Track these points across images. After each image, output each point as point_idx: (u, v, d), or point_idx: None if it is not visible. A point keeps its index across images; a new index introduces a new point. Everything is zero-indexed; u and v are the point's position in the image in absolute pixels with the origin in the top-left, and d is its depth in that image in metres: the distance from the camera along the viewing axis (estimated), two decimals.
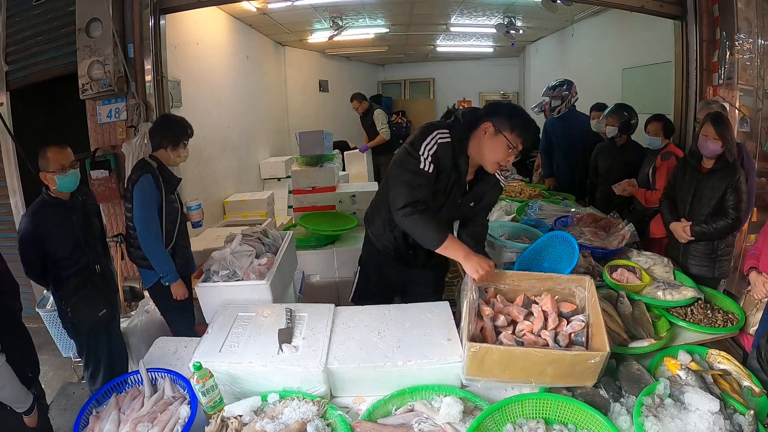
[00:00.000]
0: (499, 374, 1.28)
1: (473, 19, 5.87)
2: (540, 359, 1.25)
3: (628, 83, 4.95)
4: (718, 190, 2.17)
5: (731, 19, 3.08)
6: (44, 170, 1.98)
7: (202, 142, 4.38)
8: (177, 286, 2.26)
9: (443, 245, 1.54)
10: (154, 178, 2.15)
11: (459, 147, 1.63)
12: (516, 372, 1.28)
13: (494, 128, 1.59)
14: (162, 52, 3.30)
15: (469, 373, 1.30)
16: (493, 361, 1.26)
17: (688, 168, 2.31)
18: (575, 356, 1.26)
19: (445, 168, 1.64)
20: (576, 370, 1.27)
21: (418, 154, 1.59)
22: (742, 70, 3.11)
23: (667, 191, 2.45)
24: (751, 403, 1.28)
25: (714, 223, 2.16)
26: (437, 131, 1.62)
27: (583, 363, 1.25)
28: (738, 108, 3.11)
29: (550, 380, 1.28)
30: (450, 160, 1.63)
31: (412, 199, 1.55)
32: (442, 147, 1.61)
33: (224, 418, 1.27)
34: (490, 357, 1.26)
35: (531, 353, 1.26)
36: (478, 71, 9.39)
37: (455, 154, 1.63)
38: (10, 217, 3.55)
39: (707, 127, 2.14)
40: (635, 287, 1.83)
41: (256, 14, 4.96)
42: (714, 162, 2.18)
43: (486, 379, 1.31)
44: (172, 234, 2.26)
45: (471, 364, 1.28)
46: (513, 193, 3.50)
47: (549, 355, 1.26)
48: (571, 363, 1.26)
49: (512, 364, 1.27)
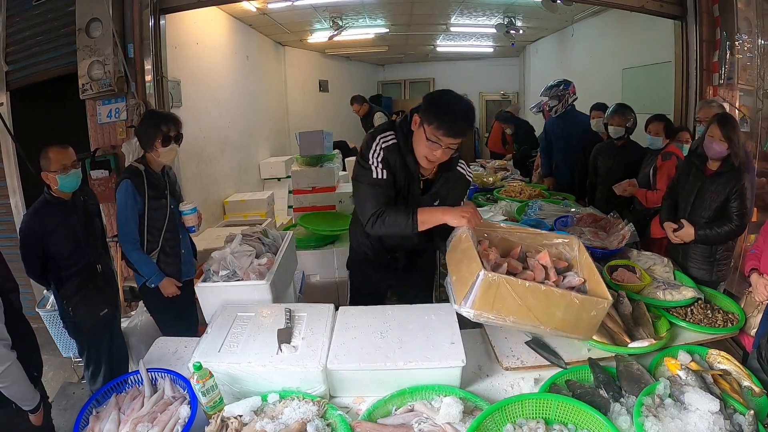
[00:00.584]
0: (509, 311, 1.26)
1: (473, 19, 5.88)
2: (555, 298, 1.25)
3: (628, 83, 4.96)
4: (721, 193, 2.13)
5: (731, 19, 3.08)
6: (46, 170, 1.98)
7: (202, 142, 4.39)
8: (164, 285, 2.20)
9: (419, 221, 1.54)
10: (135, 184, 2.09)
11: (405, 146, 1.61)
12: (525, 311, 1.25)
13: (419, 120, 1.54)
14: (162, 52, 3.30)
15: (477, 307, 1.27)
16: (507, 295, 1.24)
17: (692, 169, 2.27)
18: (586, 300, 1.27)
19: (396, 169, 1.62)
20: (582, 317, 1.27)
21: (368, 165, 1.60)
22: (742, 70, 3.11)
23: (670, 191, 2.43)
24: (751, 403, 1.28)
25: (718, 227, 2.13)
26: (379, 136, 1.62)
27: (590, 310, 1.26)
28: (738, 108, 3.11)
29: (557, 326, 1.28)
30: (398, 161, 1.61)
31: (374, 210, 1.57)
32: (387, 150, 1.60)
33: (224, 418, 1.27)
34: (504, 289, 1.23)
35: (549, 290, 1.26)
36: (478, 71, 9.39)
37: (402, 153, 1.61)
38: (10, 217, 3.55)
39: (713, 128, 2.09)
40: (635, 287, 1.83)
41: (256, 14, 4.96)
42: (719, 165, 2.14)
43: (492, 315, 1.27)
44: (157, 240, 2.18)
45: (482, 296, 1.25)
46: (513, 193, 3.50)
47: (565, 296, 1.25)
48: (580, 308, 1.26)
49: (525, 300, 1.25)
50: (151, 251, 2.18)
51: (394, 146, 1.61)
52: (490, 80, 9.46)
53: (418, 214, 1.54)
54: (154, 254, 2.19)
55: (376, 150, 1.60)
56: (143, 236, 2.16)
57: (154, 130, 2.11)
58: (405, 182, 1.66)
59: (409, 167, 1.63)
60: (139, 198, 2.11)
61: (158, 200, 2.18)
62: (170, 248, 2.24)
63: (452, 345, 1.39)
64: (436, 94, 1.57)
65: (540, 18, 5.76)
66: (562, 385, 1.36)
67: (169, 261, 2.24)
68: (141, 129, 2.18)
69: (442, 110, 1.50)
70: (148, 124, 2.15)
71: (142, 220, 2.14)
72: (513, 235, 1.61)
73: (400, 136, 1.62)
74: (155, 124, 2.12)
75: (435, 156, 1.54)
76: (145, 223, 2.15)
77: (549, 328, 1.29)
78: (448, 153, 1.55)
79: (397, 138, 1.62)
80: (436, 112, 1.50)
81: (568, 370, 1.44)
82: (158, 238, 2.19)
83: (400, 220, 1.55)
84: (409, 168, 1.63)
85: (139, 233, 2.14)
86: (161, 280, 2.20)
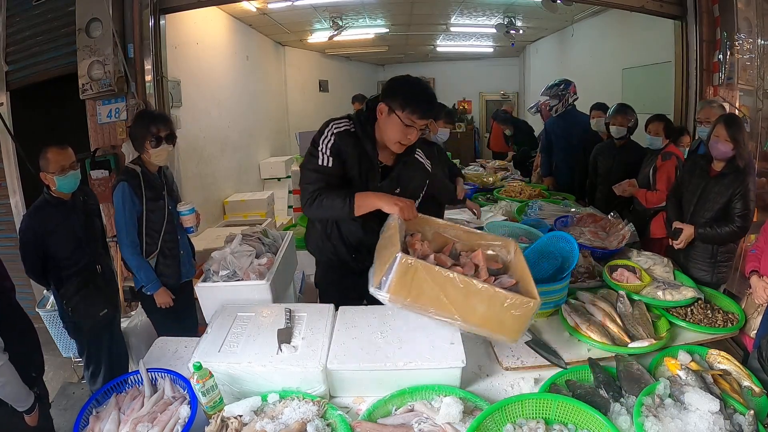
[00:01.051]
0: (427, 299, 1.22)
1: (473, 19, 5.88)
2: (475, 290, 1.20)
3: (628, 83, 4.96)
4: (724, 195, 2.11)
5: (731, 19, 3.08)
6: (44, 171, 1.98)
7: (202, 142, 4.39)
8: (159, 295, 2.18)
9: (355, 205, 1.55)
10: (132, 186, 2.06)
11: (363, 133, 1.64)
12: (444, 301, 1.21)
13: (387, 108, 1.57)
14: (162, 52, 3.31)
15: (393, 291, 1.23)
16: (424, 282, 1.20)
17: (697, 170, 2.26)
18: (509, 296, 1.22)
19: (349, 155, 1.64)
20: (507, 316, 1.22)
21: (317, 151, 1.63)
22: (742, 70, 3.11)
23: (675, 190, 2.41)
24: (751, 403, 1.28)
25: (719, 227, 2.11)
26: (332, 123, 1.65)
27: (515, 308, 1.21)
28: (738, 108, 3.11)
29: (477, 322, 1.23)
30: (352, 147, 1.63)
31: (312, 190, 1.61)
32: (339, 136, 1.62)
33: (224, 418, 1.27)
34: (422, 275, 1.19)
35: (470, 282, 1.20)
36: (478, 71, 9.40)
37: (360, 140, 1.63)
38: (10, 217, 3.56)
39: (719, 128, 2.08)
40: (635, 287, 1.83)
41: (256, 14, 4.97)
42: (724, 165, 2.13)
43: (409, 301, 1.23)
44: (155, 242, 2.16)
45: (399, 280, 1.21)
46: (513, 193, 3.50)
47: (487, 290, 1.20)
48: (504, 305, 1.22)
49: (444, 289, 1.20)
50: (150, 254, 2.16)
51: (348, 132, 1.63)
52: (490, 80, 9.47)
53: (355, 197, 1.55)
54: (153, 256, 2.17)
55: (327, 136, 1.63)
56: (142, 239, 2.13)
57: (143, 132, 2.08)
58: (362, 169, 1.67)
59: (368, 154, 1.65)
60: (137, 200, 2.08)
61: (156, 201, 2.15)
62: (169, 250, 2.21)
63: (452, 345, 1.38)
64: (401, 80, 1.61)
65: (540, 18, 5.77)
66: (562, 385, 1.36)
67: (168, 263, 2.21)
68: (132, 131, 2.15)
69: (412, 95, 1.55)
70: (137, 125, 2.12)
71: (140, 223, 2.12)
72: (449, 231, 1.59)
73: (357, 124, 1.65)
74: (145, 125, 2.09)
75: (410, 139, 1.59)
76: (143, 226, 2.12)
77: (470, 323, 1.25)
78: (418, 134, 1.61)
79: (354, 126, 1.65)
80: (406, 97, 1.54)
81: (568, 370, 1.44)
82: (157, 240, 2.16)
83: (336, 203, 1.57)
84: (368, 155, 1.65)
85: (137, 236, 2.12)
86: (157, 290, 2.17)
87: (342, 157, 1.63)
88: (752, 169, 2.17)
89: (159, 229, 2.16)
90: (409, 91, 1.57)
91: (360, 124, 1.65)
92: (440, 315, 1.26)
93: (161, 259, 2.19)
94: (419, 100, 1.55)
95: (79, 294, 2.07)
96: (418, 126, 1.57)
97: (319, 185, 1.61)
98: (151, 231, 2.15)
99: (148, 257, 2.16)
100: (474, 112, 9.98)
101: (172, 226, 2.22)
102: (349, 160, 1.64)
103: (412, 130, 1.57)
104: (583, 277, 2.00)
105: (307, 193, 1.62)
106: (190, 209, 2.23)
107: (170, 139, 2.14)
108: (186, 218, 2.23)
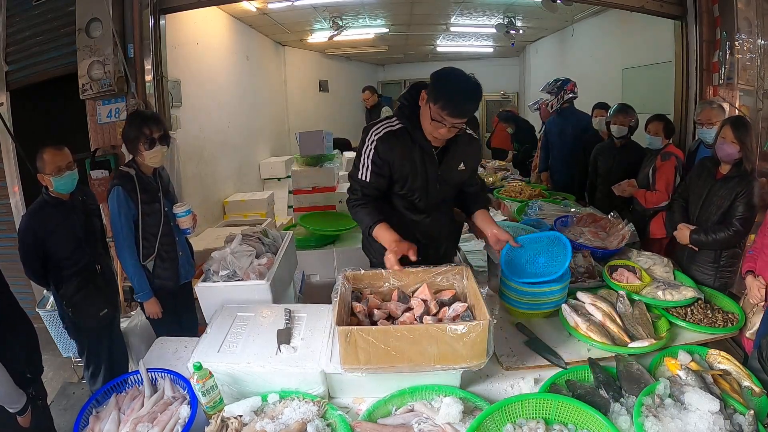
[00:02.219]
0: (379, 360, 1.23)
1: (473, 19, 5.88)
2: (420, 334, 1.21)
3: (628, 83, 4.96)
4: (728, 198, 2.08)
5: (731, 19, 3.08)
6: (41, 171, 1.97)
7: (202, 142, 4.39)
8: (149, 304, 2.18)
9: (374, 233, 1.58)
10: (127, 190, 2.04)
11: (411, 125, 1.61)
12: (396, 357, 1.22)
13: (426, 97, 1.52)
14: (162, 52, 3.30)
15: (345, 363, 1.25)
16: (369, 345, 1.21)
17: (704, 172, 2.23)
18: (459, 326, 1.22)
19: (397, 155, 1.62)
20: (461, 345, 1.22)
21: (359, 163, 1.66)
22: (742, 70, 3.10)
23: (681, 192, 2.37)
24: (751, 403, 1.28)
25: (713, 233, 2.08)
26: (372, 130, 1.64)
27: (467, 335, 1.21)
28: (738, 108, 3.11)
29: (436, 362, 1.23)
30: (400, 145, 1.61)
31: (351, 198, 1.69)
32: (381, 141, 1.61)
33: (224, 418, 1.27)
34: (364, 340, 1.21)
35: (407, 330, 1.22)
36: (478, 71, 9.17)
37: (410, 133, 1.62)
38: (10, 217, 3.55)
39: (726, 129, 2.06)
40: (635, 287, 1.83)
41: (256, 14, 4.96)
42: (730, 168, 2.10)
43: (366, 368, 1.24)
44: (153, 245, 2.14)
45: (346, 352, 1.23)
46: (513, 193, 3.51)
47: (428, 329, 1.22)
48: (452, 338, 1.22)
49: (389, 345, 1.22)
50: (147, 257, 2.14)
51: (391, 133, 1.62)
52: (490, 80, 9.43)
53: (376, 228, 1.59)
54: (151, 260, 2.15)
55: (368, 147, 1.63)
56: (139, 243, 2.11)
57: (136, 134, 2.04)
58: (417, 159, 1.64)
59: (420, 144, 1.62)
60: (132, 204, 2.06)
61: (151, 204, 2.13)
62: (166, 252, 2.19)
63: None
64: (443, 72, 1.53)
65: (540, 18, 5.77)
66: (562, 385, 1.36)
67: (166, 266, 2.20)
68: (124, 133, 2.11)
69: (447, 89, 1.47)
70: (130, 127, 2.09)
71: (137, 227, 2.10)
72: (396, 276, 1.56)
73: (402, 118, 1.63)
74: (137, 126, 2.05)
75: (439, 134, 1.54)
76: (140, 229, 2.10)
77: (433, 366, 1.25)
78: (453, 132, 1.54)
79: (401, 121, 1.63)
80: (441, 90, 1.47)
81: (568, 370, 1.44)
82: (154, 244, 2.15)
83: (364, 221, 1.63)
84: (419, 144, 1.63)
85: (134, 240, 2.10)
86: (149, 299, 2.17)
87: (388, 160, 1.62)
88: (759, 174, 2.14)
89: (156, 232, 2.15)
90: (446, 84, 1.49)
91: (405, 116, 1.62)
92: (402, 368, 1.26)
93: (159, 262, 2.18)
94: (452, 97, 1.46)
95: (79, 294, 2.07)
96: (448, 123, 1.49)
97: (357, 196, 1.67)
98: (147, 234, 2.13)
99: (146, 261, 2.14)
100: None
101: (169, 228, 2.20)
102: (398, 160, 1.63)
103: (440, 126, 1.50)
104: (583, 277, 2.00)
105: (349, 200, 1.70)
106: (185, 210, 2.18)
107: (164, 140, 2.11)
108: (182, 220, 2.19)
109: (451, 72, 1.52)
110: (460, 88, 1.48)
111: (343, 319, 1.35)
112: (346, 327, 1.24)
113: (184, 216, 2.19)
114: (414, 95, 1.61)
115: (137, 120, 2.10)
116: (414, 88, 1.63)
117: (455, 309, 1.42)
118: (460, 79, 1.50)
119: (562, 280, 1.70)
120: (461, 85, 1.49)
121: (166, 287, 2.22)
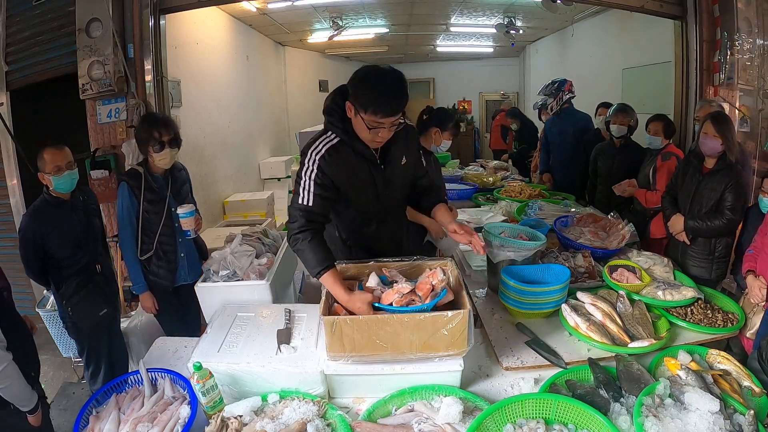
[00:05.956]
0: (364, 348, 1.28)
1: (473, 19, 5.88)
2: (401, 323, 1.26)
3: (628, 83, 4.96)
4: (716, 191, 2.16)
5: (731, 19, 3.09)
6: (41, 171, 1.98)
7: (202, 142, 4.39)
8: (144, 298, 2.21)
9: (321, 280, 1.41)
10: (131, 186, 2.10)
11: (348, 137, 1.50)
12: (380, 344, 1.28)
13: (353, 108, 1.42)
14: (162, 52, 3.31)
15: (330, 350, 1.30)
16: (354, 333, 1.27)
17: (690, 168, 2.31)
18: (435, 317, 1.26)
19: (341, 170, 1.51)
20: (442, 335, 1.26)
21: (299, 187, 1.50)
22: (742, 70, 3.11)
23: (669, 189, 2.45)
24: (751, 403, 1.28)
25: (709, 220, 2.16)
26: (311, 149, 1.51)
27: (447, 323, 1.25)
28: (738, 108, 3.11)
29: (420, 350, 1.28)
30: (343, 160, 1.51)
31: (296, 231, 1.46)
32: (324, 159, 1.49)
33: (224, 418, 1.27)
34: (349, 329, 1.26)
35: (392, 317, 1.26)
36: (478, 71, 9.41)
37: (349, 145, 1.51)
38: (10, 217, 3.56)
39: (707, 124, 2.14)
40: (635, 287, 1.83)
41: (256, 14, 4.97)
42: (715, 162, 2.17)
43: (351, 356, 1.29)
44: (151, 242, 2.17)
45: (330, 338, 1.28)
46: (513, 193, 3.50)
47: (410, 318, 1.26)
48: (433, 326, 1.26)
49: (373, 333, 1.27)
50: (145, 252, 2.18)
51: (332, 148, 1.50)
52: (490, 80, 9.48)
53: (323, 279, 1.40)
54: (148, 256, 2.18)
55: (308, 167, 1.49)
56: (138, 238, 2.15)
57: (146, 136, 2.09)
58: (363, 169, 1.56)
59: (362, 153, 1.53)
60: (135, 200, 2.11)
61: (154, 203, 2.15)
62: (164, 252, 2.20)
63: None
64: (361, 76, 1.42)
65: (540, 18, 5.77)
66: (562, 385, 1.36)
67: (161, 264, 2.21)
68: (136, 134, 2.18)
69: (372, 93, 1.38)
70: (141, 129, 2.13)
71: (138, 222, 2.14)
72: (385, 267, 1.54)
73: (337, 131, 1.51)
74: (147, 129, 2.09)
75: (381, 137, 1.46)
76: (140, 226, 2.15)
77: (416, 354, 1.29)
78: (394, 128, 1.47)
79: (337, 134, 1.51)
80: (366, 96, 1.38)
81: (568, 370, 1.44)
82: (152, 242, 2.18)
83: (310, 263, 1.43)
84: (362, 154, 1.53)
85: (134, 235, 2.15)
86: (143, 292, 2.21)
87: (333, 179, 1.51)
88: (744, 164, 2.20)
89: (155, 230, 2.17)
90: (369, 88, 1.39)
91: (340, 129, 1.51)
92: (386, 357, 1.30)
93: (155, 260, 2.20)
94: (380, 98, 1.37)
95: (78, 294, 2.07)
96: (386, 124, 1.41)
97: (299, 223, 1.46)
98: (147, 231, 2.17)
99: (143, 256, 2.18)
100: (474, 112, 9.99)
101: (170, 229, 2.20)
102: (342, 175, 1.52)
103: (380, 129, 1.42)
104: (583, 277, 2.00)
105: (290, 231, 1.49)
106: (188, 211, 2.14)
107: (174, 144, 2.13)
108: (183, 221, 2.16)
109: (366, 74, 1.42)
110: (385, 86, 1.39)
111: (329, 310, 1.38)
112: (331, 317, 1.28)
113: (186, 217, 2.16)
114: (341, 104, 1.49)
115: (148, 122, 2.15)
116: (339, 96, 1.50)
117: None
118: (379, 77, 1.40)
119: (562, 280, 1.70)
120: (385, 83, 1.40)
121: (160, 285, 2.23)
